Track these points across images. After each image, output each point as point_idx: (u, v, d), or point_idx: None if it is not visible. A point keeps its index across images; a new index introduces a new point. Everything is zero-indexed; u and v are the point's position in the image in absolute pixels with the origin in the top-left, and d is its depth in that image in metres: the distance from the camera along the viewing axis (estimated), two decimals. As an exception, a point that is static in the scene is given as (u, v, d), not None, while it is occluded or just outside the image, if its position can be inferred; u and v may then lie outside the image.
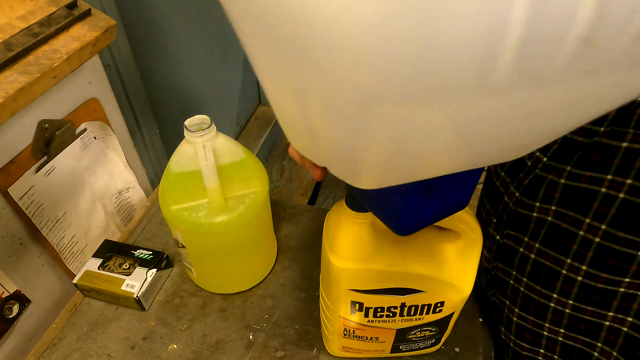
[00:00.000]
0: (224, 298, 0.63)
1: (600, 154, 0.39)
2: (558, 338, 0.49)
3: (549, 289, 0.47)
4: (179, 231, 0.56)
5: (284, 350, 0.56)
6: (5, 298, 0.60)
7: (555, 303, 0.47)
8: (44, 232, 0.65)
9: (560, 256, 0.45)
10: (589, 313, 0.45)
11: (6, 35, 0.52)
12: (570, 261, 0.44)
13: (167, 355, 0.56)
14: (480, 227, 0.41)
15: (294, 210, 0.75)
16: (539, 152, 0.44)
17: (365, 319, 0.47)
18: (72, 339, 0.59)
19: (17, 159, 0.59)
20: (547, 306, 0.48)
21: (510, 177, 0.48)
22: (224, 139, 0.53)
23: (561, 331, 0.49)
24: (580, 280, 0.44)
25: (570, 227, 0.43)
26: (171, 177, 0.53)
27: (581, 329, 0.47)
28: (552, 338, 0.50)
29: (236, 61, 1.42)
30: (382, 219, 0.34)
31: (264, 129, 1.58)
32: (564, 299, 0.46)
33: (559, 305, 0.47)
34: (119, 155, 0.78)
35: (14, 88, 0.50)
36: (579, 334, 0.48)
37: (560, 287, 0.46)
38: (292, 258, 0.68)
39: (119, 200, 0.80)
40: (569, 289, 0.45)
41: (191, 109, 1.19)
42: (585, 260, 0.43)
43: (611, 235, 0.40)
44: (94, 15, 0.61)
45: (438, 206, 0.31)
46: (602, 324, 0.45)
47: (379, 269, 0.42)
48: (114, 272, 0.62)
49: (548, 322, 0.49)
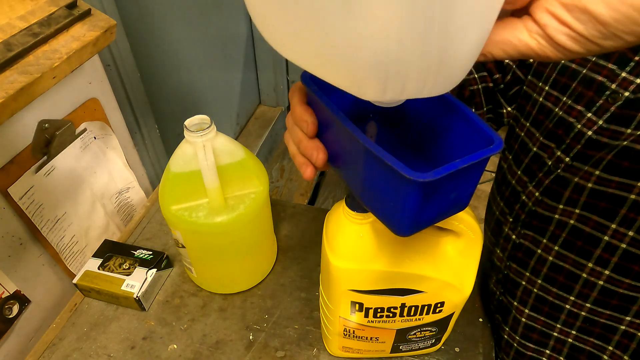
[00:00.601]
0: (224, 298, 0.63)
1: (633, 160, 0.38)
2: (568, 339, 0.49)
3: (566, 292, 0.46)
4: (179, 231, 0.56)
5: (284, 350, 0.56)
6: (5, 298, 0.60)
7: (571, 305, 0.47)
8: (44, 232, 0.65)
9: (581, 260, 0.44)
10: (605, 317, 0.45)
11: (6, 35, 0.52)
12: (592, 265, 0.43)
13: (167, 355, 0.56)
14: (480, 228, 0.41)
15: (294, 210, 0.75)
16: (561, 152, 0.43)
17: (365, 319, 0.47)
18: (72, 339, 0.59)
19: (17, 159, 0.59)
20: (561, 308, 0.48)
21: (528, 176, 0.48)
22: (224, 139, 0.53)
23: (572, 333, 0.48)
24: (601, 285, 0.43)
25: (594, 231, 0.42)
26: (171, 177, 0.53)
27: (594, 332, 0.47)
28: (562, 339, 0.50)
29: (236, 61, 1.42)
30: (382, 219, 0.34)
31: (264, 129, 1.58)
32: (580, 302, 0.46)
33: (575, 307, 0.47)
34: (119, 155, 0.78)
35: (14, 88, 0.50)
36: (590, 337, 0.47)
37: (578, 290, 0.45)
38: (292, 258, 0.68)
39: (119, 200, 0.80)
40: (588, 293, 0.45)
41: (191, 109, 1.19)
42: (609, 265, 0.42)
43: (638, 242, 0.40)
44: (94, 15, 0.61)
45: (438, 207, 0.31)
46: (617, 328, 0.45)
47: (379, 270, 0.42)
48: (114, 272, 0.62)
49: (560, 323, 0.49)
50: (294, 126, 0.37)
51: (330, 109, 0.32)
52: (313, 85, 0.34)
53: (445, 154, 0.36)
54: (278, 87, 1.60)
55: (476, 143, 0.30)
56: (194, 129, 0.49)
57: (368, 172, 0.32)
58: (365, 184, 0.33)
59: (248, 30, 1.43)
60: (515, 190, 0.50)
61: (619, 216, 0.40)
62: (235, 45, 1.39)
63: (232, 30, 1.35)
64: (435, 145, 0.37)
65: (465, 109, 0.33)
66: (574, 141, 0.42)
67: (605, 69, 0.39)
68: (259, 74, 1.57)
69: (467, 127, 0.32)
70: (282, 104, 1.65)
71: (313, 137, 0.36)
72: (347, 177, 0.36)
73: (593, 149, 0.40)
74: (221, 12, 1.25)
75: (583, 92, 0.41)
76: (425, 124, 0.37)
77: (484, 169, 0.31)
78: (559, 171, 0.44)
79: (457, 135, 0.34)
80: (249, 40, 1.45)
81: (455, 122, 0.34)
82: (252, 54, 1.50)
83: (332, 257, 0.42)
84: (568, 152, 0.42)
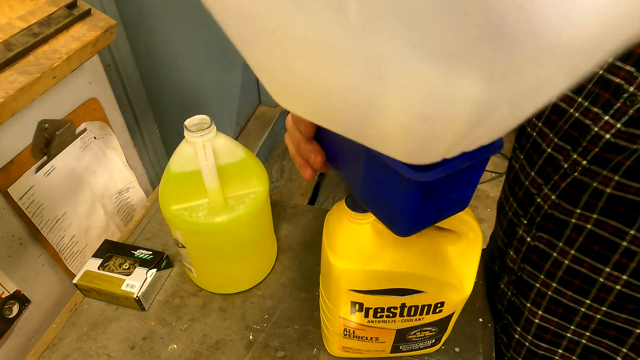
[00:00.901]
0: (224, 298, 0.63)
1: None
2: (581, 340, 0.49)
3: (582, 295, 0.46)
4: (179, 231, 0.56)
5: (284, 350, 0.56)
6: (5, 298, 0.60)
7: (587, 308, 0.46)
8: (44, 232, 0.65)
9: (598, 264, 0.44)
10: (621, 320, 0.45)
11: (6, 35, 0.52)
12: (609, 270, 0.43)
13: (167, 355, 0.56)
14: (480, 228, 0.41)
15: (294, 210, 0.75)
16: (577, 154, 0.42)
17: (365, 319, 0.47)
18: (72, 339, 0.59)
19: (17, 159, 0.59)
20: (576, 311, 0.47)
21: (543, 179, 0.47)
22: (224, 139, 0.53)
23: (586, 334, 0.48)
24: (618, 289, 0.43)
25: (612, 237, 0.42)
26: (171, 177, 0.53)
27: (609, 334, 0.47)
28: (575, 340, 0.49)
29: (236, 61, 1.42)
30: (382, 219, 0.34)
31: (264, 129, 1.58)
32: (597, 305, 0.45)
33: (590, 310, 0.46)
34: (119, 155, 0.78)
35: (14, 88, 0.50)
36: (604, 338, 0.47)
37: (594, 294, 0.45)
38: (292, 258, 0.68)
39: (119, 200, 0.80)
40: (604, 297, 0.44)
41: (191, 109, 1.19)
42: (627, 270, 0.42)
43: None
44: (94, 15, 0.61)
45: (438, 207, 0.31)
46: (632, 331, 0.45)
47: (379, 270, 0.42)
48: (114, 272, 0.62)
49: (574, 325, 0.48)
50: (294, 127, 0.37)
51: None
52: None
53: None
54: (278, 87, 1.60)
55: None
56: (194, 129, 0.49)
57: (367, 172, 0.32)
58: (365, 183, 0.33)
59: (248, 30, 1.43)
60: (529, 192, 0.49)
61: (638, 222, 0.39)
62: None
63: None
64: None
65: None
66: (591, 144, 0.41)
67: (623, 70, 0.39)
68: (259, 74, 1.57)
69: None
70: (282, 104, 1.65)
71: (311, 139, 0.37)
72: (347, 177, 0.36)
73: (611, 152, 0.40)
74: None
75: (600, 93, 0.41)
76: None
77: (484, 169, 0.31)
78: (576, 174, 0.43)
79: None
80: (249, 40, 1.45)
81: None
82: (252, 54, 1.50)
83: (332, 257, 0.42)
84: (585, 155, 0.42)
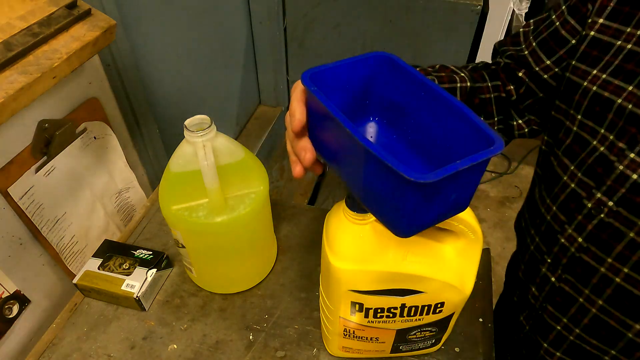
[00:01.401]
0: (224, 298, 0.63)
1: None
2: None
3: (608, 346, 0.44)
4: (179, 231, 0.56)
5: (284, 350, 0.56)
6: (5, 298, 0.60)
7: (611, 358, 0.44)
8: (44, 232, 0.65)
9: (627, 320, 0.41)
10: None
11: (6, 35, 0.52)
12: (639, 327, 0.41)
13: (167, 355, 0.56)
14: (480, 229, 0.41)
15: (294, 210, 0.75)
16: (602, 194, 0.39)
17: (365, 319, 0.47)
18: (72, 339, 0.59)
19: (17, 159, 0.59)
20: (600, 359, 0.45)
21: (566, 216, 0.44)
22: (224, 139, 0.53)
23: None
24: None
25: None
26: (171, 177, 0.53)
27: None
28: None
29: (236, 61, 1.42)
30: (382, 220, 0.34)
31: (264, 129, 1.57)
32: (623, 358, 0.43)
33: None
34: (119, 155, 0.78)
35: (14, 88, 0.50)
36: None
37: (622, 347, 0.43)
38: (292, 258, 0.68)
39: (119, 200, 0.80)
40: (633, 352, 0.42)
41: (191, 109, 1.19)
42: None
43: None
44: (94, 15, 0.61)
45: (438, 208, 0.31)
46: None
47: (379, 270, 0.42)
48: (114, 272, 0.62)
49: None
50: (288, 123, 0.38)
51: (329, 109, 0.32)
52: (313, 86, 0.34)
53: (445, 155, 0.36)
54: (278, 87, 1.60)
55: (477, 144, 0.30)
56: (194, 129, 0.49)
57: (368, 173, 0.32)
58: (365, 184, 0.33)
59: (248, 31, 1.43)
60: (552, 229, 0.47)
61: None
62: (235, 45, 1.39)
63: (232, 30, 1.34)
64: (436, 146, 0.37)
65: (466, 110, 0.33)
66: (616, 184, 0.38)
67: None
68: (259, 74, 1.57)
69: (468, 128, 0.32)
70: (282, 104, 1.64)
71: (300, 134, 0.37)
72: (347, 177, 0.36)
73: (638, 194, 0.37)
74: (221, 12, 1.25)
75: (625, 127, 0.37)
76: (426, 124, 0.37)
77: (484, 170, 0.31)
78: (602, 216, 0.40)
79: (458, 136, 0.34)
80: (249, 40, 1.45)
81: (455, 123, 0.33)
82: (252, 54, 1.50)
83: (332, 257, 0.42)
84: (610, 195, 0.39)
